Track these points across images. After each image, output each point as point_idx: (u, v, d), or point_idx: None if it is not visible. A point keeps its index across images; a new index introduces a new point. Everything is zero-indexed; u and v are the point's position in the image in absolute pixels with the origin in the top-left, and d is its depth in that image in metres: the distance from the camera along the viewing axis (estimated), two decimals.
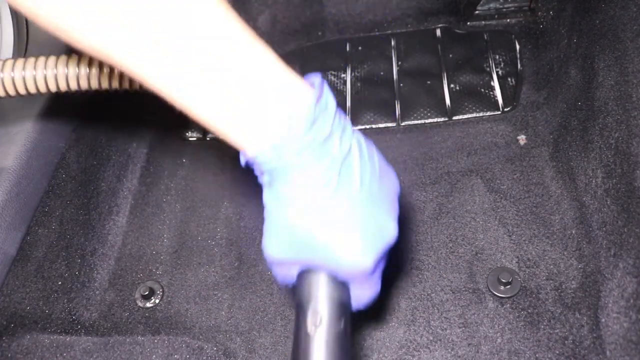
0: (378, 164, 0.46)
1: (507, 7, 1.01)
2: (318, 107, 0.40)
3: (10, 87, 0.62)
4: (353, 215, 0.42)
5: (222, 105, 0.40)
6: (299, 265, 0.46)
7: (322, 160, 0.40)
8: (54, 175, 0.83)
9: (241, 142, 0.42)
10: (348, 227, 0.42)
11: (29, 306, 0.75)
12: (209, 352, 0.71)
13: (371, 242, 0.43)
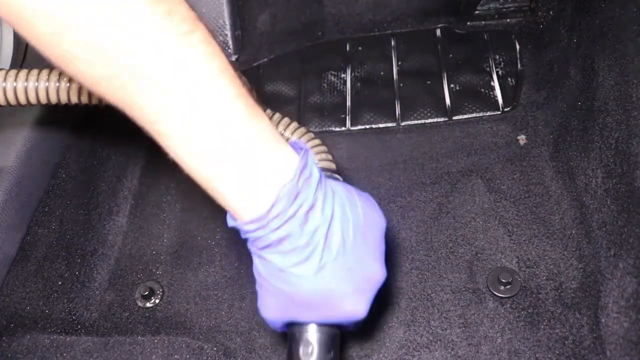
0: (361, 211, 0.47)
1: (507, 7, 1.01)
2: (302, 179, 0.42)
3: (13, 97, 0.63)
4: (342, 275, 0.45)
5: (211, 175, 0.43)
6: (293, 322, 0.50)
7: (307, 228, 0.42)
8: (54, 175, 0.83)
9: (229, 208, 0.44)
10: (339, 287, 0.45)
11: (29, 306, 0.75)
12: (209, 352, 0.71)
13: (363, 293, 0.47)
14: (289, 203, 0.41)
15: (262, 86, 1.02)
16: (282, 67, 1.05)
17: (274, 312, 0.49)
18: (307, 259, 0.43)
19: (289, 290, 0.45)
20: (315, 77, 1.01)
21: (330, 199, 0.44)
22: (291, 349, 0.52)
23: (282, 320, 0.50)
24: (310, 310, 0.47)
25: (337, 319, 0.48)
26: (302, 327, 0.51)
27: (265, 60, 1.07)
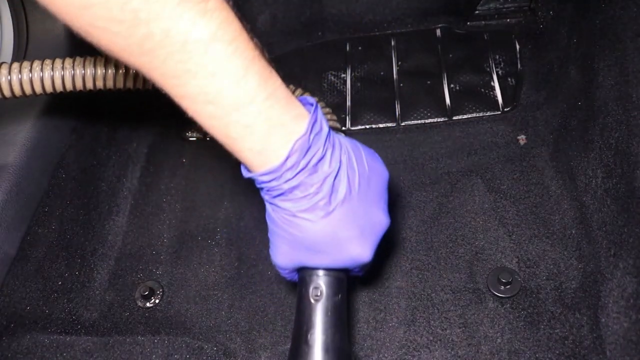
0: (366, 163, 0.52)
1: (507, 7, 1.01)
2: (313, 133, 0.46)
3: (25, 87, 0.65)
4: (348, 220, 0.49)
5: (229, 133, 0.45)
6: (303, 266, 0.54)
7: (317, 178, 0.46)
8: (54, 175, 0.83)
9: (245, 161, 0.47)
10: (346, 232, 0.49)
11: (29, 306, 0.75)
12: (209, 352, 0.71)
13: (368, 238, 0.51)
14: (301, 156, 0.45)
15: None
16: (282, 67, 1.04)
17: (286, 258, 0.52)
18: (317, 205, 0.47)
19: (300, 235, 0.49)
20: (315, 77, 1.01)
21: (338, 151, 0.48)
22: (301, 293, 0.55)
23: (293, 265, 0.53)
24: (319, 254, 0.50)
25: (344, 262, 0.51)
26: (312, 271, 0.54)
27: None
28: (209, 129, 0.46)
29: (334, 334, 0.54)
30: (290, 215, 0.48)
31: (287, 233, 0.50)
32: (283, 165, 0.45)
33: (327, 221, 0.48)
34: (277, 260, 0.54)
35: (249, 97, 0.43)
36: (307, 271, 0.55)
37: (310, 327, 0.54)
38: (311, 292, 0.54)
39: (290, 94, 0.47)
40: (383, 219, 0.53)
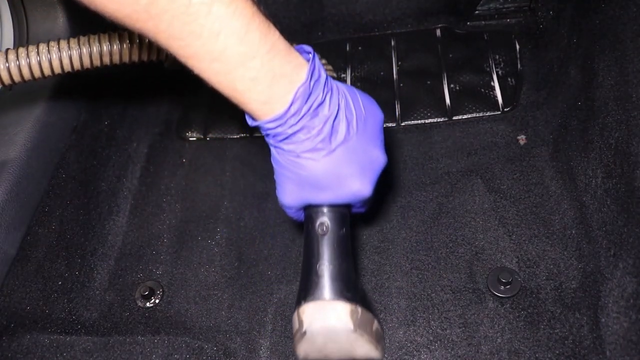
0: (362, 106, 0.56)
1: (507, 7, 1.01)
2: (312, 80, 0.50)
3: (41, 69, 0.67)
4: (348, 158, 0.53)
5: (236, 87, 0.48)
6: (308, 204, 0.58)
7: (318, 121, 0.50)
8: (54, 175, 0.83)
9: (251, 111, 0.50)
10: (347, 169, 0.53)
11: (29, 306, 0.75)
12: (209, 352, 0.71)
13: (367, 174, 0.55)
14: (303, 102, 0.49)
15: None
16: None
17: (292, 197, 0.56)
18: (319, 145, 0.51)
19: (305, 174, 0.53)
20: None
21: (336, 95, 0.52)
22: (308, 229, 0.60)
23: (299, 204, 0.57)
24: (323, 190, 0.55)
25: (347, 197, 0.56)
26: (317, 208, 0.59)
27: None
28: (216, 84, 0.49)
29: (340, 264, 0.59)
30: (294, 156, 0.52)
31: (292, 173, 0.54)
32: (287, 112, 0.49)
33: (329, 159, 0.52)
34: (285, 200, 0.57)
35: (252, 52, 0.46)
36: (313, 208, 0.59)
37: (319, 259, 0.58)
38: (317, 228, 0.59)
39: (289, 45, 0.50)
40: (380, 157, 0.57)
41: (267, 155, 0.92)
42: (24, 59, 0.65)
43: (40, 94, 0.86)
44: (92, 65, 0.69)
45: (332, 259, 0.59)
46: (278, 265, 0.79)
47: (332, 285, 0.58)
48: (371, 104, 0.58)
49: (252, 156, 0.93)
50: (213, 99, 1.03)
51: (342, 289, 0.58)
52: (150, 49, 0.72)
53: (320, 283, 0.58)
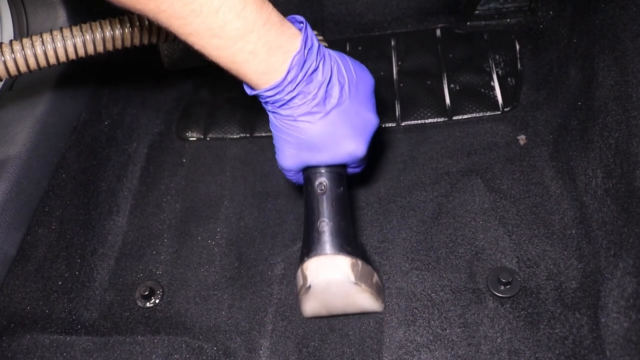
0: (354, 71, 0.59)
1: (507, 7, 1.01)
2: (306, 49, 0.53)
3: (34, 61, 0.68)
4: (343, 120, 0.57)
5: (235, 60, 0.51)
6: (307, 166, 0.61)
7: (313, 86, 0.54)
8: (54, 175, 0.83)
9: (250, 82, 0.54)
10: (341, 130, 0.57)
11: (29, 306, 0.75)
12: (209, 352, 0.71)
13: (361, 135, 0.59)
14: (299, 70, 0.52)
15: None
16: None
17: (291, 160, 0.60)
18: (314, 109, 0.55)
19: (302, 136, 0.57)
20: None
21: (328, 62, 0.55)
22: (307, 190, 0.64)
23: (298, 166, 0.61)
24: (320, 152, 0.58)
25: (342, 157, 0.60)
26: (315, 169, 0.63)
27: None
28: (216, 58, 0.52)
29: (340, 221, 0.63)
30: (292, 120, 0.56)
31: (290, 137, 0.57)
32: (284, 80, 0.52)
33: (325, 121, 0.56)
34: (284, 163, 0.61)
35: (249, 26, 0.49)
36: (311, 170, 0.63)
37: (319, 217, 0.63)
38: (316, 187, 0.63)
39: (282, 17, 0.53)
40: (373, 119, 0.61)
41: (267, 155, 0.93)
42: (30, 49, 0.66)
43: (41, 94, 0.86)
44: (96, 52, 0.70)
45: (332, 216, 0.62)
46: (278, 265, 0.79)
47: (333, 240, 0.62)
48: (362, 69, 0.61)
49: (252, 156, 0.93)
50: (213, 99, 1.03)
51: (342, 244, 0.62)
52: (150, 32, 0.73)
53: (321, 239, 0.62)
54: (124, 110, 1.01)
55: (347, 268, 0.62)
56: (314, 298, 0.64)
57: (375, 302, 0.67)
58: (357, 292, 0.64)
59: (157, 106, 1.05)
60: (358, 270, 0.63)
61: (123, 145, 0.97)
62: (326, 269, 0.62)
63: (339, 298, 0.64)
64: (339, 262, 0.62)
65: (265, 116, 0.97)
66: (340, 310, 0.67)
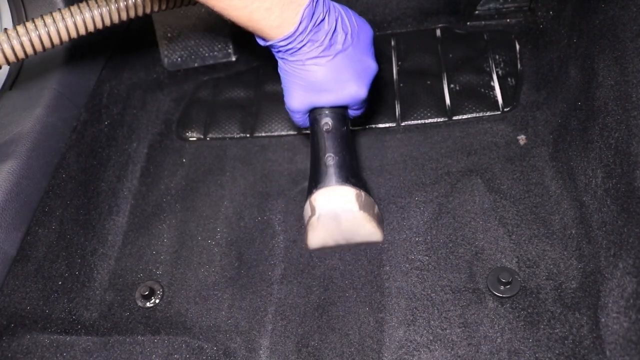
0: (355, 22, 0.65)
1: (507, 7, 1.01)
2: (314, 1, 0.58)
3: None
4: (346, 65, 0.64)
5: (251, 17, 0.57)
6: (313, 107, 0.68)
7: (320, 35, 0.60)
8: (54, 175, 0.83)
9: (265, 35, 0.60)
10: (345, 74, 0.64)
11: (29, 306, 0.75)
12: (209, 352, 0.71)
13: (363, 79, 0.66)
14: (308, 21, 0.58)
15: (262, 86, 1.03)
16: None
17: (299, 101, 0.66)
18: (321, 54, 0.61)
19: (310, 79, 0.63)
20: None
21: (333, 13, 0.62)
22: (314, 129, 0.70)
23: (305, 107, 0.67)
24: (326, 93, 0.65)
25: (346, 99, 0.66)
26: (320, 110, 0.68)
27: (265, 60, 1.07)
28: (234, 18, 0.57)
29: (344, 155, 0.69)
30: (301, 65, 0.62)
31: (299, 79, 0.64)
32: (296, 31, 0.58)
33: (331, 65, 0.62)
34: (292, 105, 0.67)
35: None
36: (317, 111, 0.69)
37: (326, 152, 0.68)
38: (322, 126, 0.68)
39: None
40: (372, 64, 0.67)
41: (267, 155, 0.93)
42: (34, 32, 0.67)
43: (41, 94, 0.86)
44: (104, 25, 0.72)
45: (337, 152, 0.68)
46: (278, 265, 0.79)
47: (339, 173, 0.68)
48: (362, 21, 0.67)
49: (252, 156, 0.93)
50: (213, 99, 1.03)
51: (347, 176, 0.68)
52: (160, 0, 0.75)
53: (328, 172, 0.68)
54: (124, 110, 1.01)
55: (353, 198, 0.68)
56: (321, 228, 0.70)
57: (376, 232, 0.74)
58: (361, 220, 0.70)
59: (157, 106, 1.05)
60: (362, 200, 0.69)
61: (123, 145, 0.97)
62: (333, 199, 0.68)
63: (345, 227, 0.70)
64: (345, 193, 0.68)
65: (265, 116, 0.97)
66: (344, 239, 0.73)
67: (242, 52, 1.09)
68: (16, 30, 0.66)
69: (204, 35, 1.08)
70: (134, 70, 1.07)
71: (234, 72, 1.07)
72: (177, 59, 1.09)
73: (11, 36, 0.66)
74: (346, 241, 0.74)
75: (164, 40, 1.09)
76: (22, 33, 0.66)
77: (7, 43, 0.65)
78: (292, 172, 0.89)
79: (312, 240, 0.73)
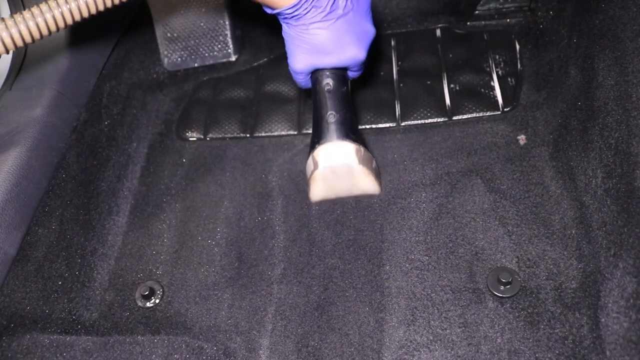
0: None
1: (507, 7, 1.01)
2: None
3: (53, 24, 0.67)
4: (347, 29, 0.68)
5: None
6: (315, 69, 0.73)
7: (322, 2, 0.65)
8: (54, 175, 0.83)
9: (273, 5, 0.65)
10: (346, 37, 0.68)
11: (29, 306, 0.75)
12: (209, 352, 0.71)
13: (362, 42, 0.70)
14: None
15: (262, 86, 1.03)
16: (282, 67, 1.05)
17: (302, 62, 0.71)
18: (324, 18, 0.66)
19: (314, 42, 0.68)
20: None
21: None
22: (316, 89, 0.74)
23: (308, 68, 0.72)
24: (328, 55, 0.69)
25: (347, 60, 0.71)
26: (322, 71, 0.73)
27: (265, 60, 1.07)
28: None
29: (345, 113, 0.73)
30: (304, 29, 0.67)
31: (302, 42, 0.68)
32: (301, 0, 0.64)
33: (332, 28, 0.67)
34: (296, 66, 0.72)
35: None
36: (319, 72, 0.73)
37: (327, 110, 0.73)
38: (324, 86, 0.73)
39: None
40: (371, 29, 0.71)
41: (267, 155, 0.93)
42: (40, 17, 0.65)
43: (41, 94, 0.86)
44: (105, 6, 0.69)
45: (338, 110, 0.73)
46: (278, 265, 0.79)
47: (340, 129, 0.72)
48: None
49: (252, 156, 0.93)
50: (213, 99, 1.03)
51: (347, 132, 0.73)
52: None
53: (330, 128, 0.73)
54: (124, 110, 1.01)
55: (352, 152, 0.73)
56: (322, 181, 0.76)
57: (374, 185, 0.79)
58: (360, 173, 0.75)
59: (157, 106, 1.05)
60: (361, 155, 0.74)
61: (123, 145, 0.97)
62: (334, 153, 0.73)
63: (344, 180, 0.76)
64: (345, 148, 0.73)
65: (265, 116, 0.97)
66: (344, 192, 0.79)
67: (242, 52, 1.09)
68: (13, 19, 0.65)
69: (204, 35, 1.08)
70: (134, 70, 1.07)
71: (234, 72, 1.07)
72: (177, 59, 1.09)
73: (9, 24, 0.65)
74: (346, 194, 0.79)
75: (164, 40, 1.09)
76: (19, 21, 0.65)
77: (5, 31, 0.65)
78: (292, 172, 0.89)
79: (314, 193, 0.79)
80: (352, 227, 0.80)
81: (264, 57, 1.08)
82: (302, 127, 0.95)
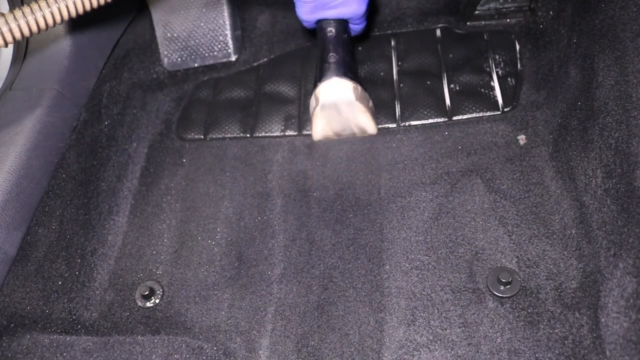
0: None
1: (507, 7, 1.01)
2: None
3: None
4: None
5: None
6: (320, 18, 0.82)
7: None
8: (54, 175, 0.83)
9: None
10: None
11: (29, 306, 0.75)
12: (209, 352, 0.71)
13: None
14: None
15: (262, 86, 1.03)
16: (282, 67, 1.05)
17: (309, 14, 0.81)
18: None
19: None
20: None
21: None
22: (320, 35, 0.84)
23: (314, 18, 0.82)
24: (332, 8, 0.79)
25: (348, 12, 0.80)
26: (326, 20, 0.83)
27: (265, 60, 1.07)
28: None
29: (345, 56, 0.83)
30: None
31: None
32: None
33: None
34: (304, 16, 0.82)
35: None
36: (324, 21, 0.83)
37: (329, 52, 0.82)
38: (327, 32, 0.83)
39: None
40: None
41: (267, 155, 0.93)
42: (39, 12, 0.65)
43: (41, 94, 0.86)
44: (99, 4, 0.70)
45: (339, 52, 0.82)
46: (278, 265, 0.79)
47: (339, 69, 0.81)
48: None
49: (252, 156, 0.93)
50: (213, 99, 1.03)
51: (346, 71, 0.82)
52: None
53: (330, 68, 0.82)
54: (124, 110, 1.01)
55: (350, 89, 0.81)
56: (323, 117, 0.84)
57: (371, 124, 0.87)
58: (358, 110, 0.84)
59: (157, 106, 1.05)
60: (358, 93, 0.82)
61: (123, 145, 0.97)
62: (334, 90, 0.82)
63: (343, 115, 0.84)
64: (344, 85, 0.81)
65: (265, 116, 0.97)
66: (344, 129, 0.87)
67: (242, 52, 1.09)
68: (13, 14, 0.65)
69: (204, 35, 1.08)
70: (134, 70, 1.07)
71: (234, 72, 1.07)
72: (177, 59, 1.09)
73: (9, 19, 0.65)
74: (344, 131, 0.87)
75: (164, 40, 1.09)
76: (19, 16, 0.65)
77: (5, 26, 0.65)
78: (292, 172, 0.89)
79: (316, 131, 0.87)
80: (352, 226, 0.80)
81: (264, 57, 1.08)
82: (302, 127, 0.95)
